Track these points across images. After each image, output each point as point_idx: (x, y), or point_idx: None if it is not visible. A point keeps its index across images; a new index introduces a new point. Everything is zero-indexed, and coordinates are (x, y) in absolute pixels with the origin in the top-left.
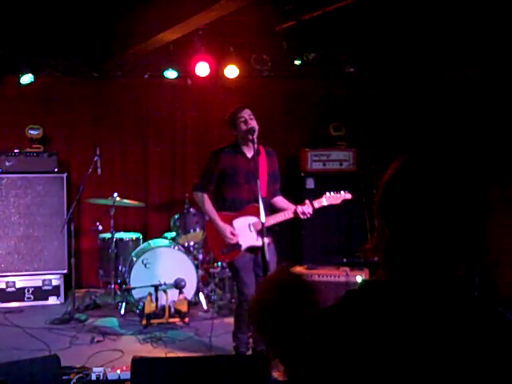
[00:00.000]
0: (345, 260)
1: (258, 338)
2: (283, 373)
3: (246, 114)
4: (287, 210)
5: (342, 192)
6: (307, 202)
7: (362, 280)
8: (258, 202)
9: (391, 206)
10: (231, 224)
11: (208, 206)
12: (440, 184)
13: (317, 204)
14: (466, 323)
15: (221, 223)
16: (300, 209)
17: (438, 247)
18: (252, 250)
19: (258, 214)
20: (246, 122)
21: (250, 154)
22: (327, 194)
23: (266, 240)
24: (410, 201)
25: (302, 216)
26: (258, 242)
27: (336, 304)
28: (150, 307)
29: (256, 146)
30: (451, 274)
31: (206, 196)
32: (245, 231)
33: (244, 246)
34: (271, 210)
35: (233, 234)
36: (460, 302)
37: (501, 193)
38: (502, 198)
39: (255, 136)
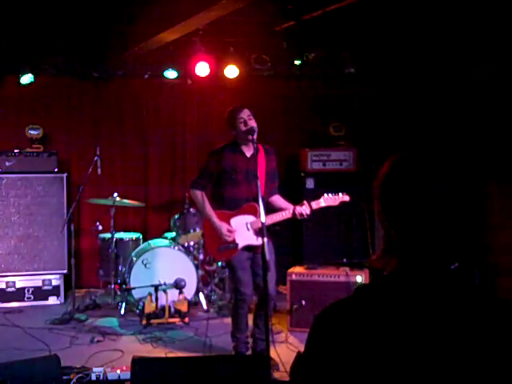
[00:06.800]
0: (345, 260)
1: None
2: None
3: (245, 114)
4: (285, 209)
5: (340, 194)
6: (305, 202)
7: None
8: (256, 201)
9: (390, 200)
10: (228, 223)
11: (205, 204)
12: (433, 177)
13: (315, 205)
14: (476, 316)
15: (217, 221)
16: (298, 209)
17: (437, 237)
18: (249, 248)
19: (255, 213)
20: (245, 123)
21: (249, 153)
22: (325, 195)
23: (265, 239)
24: (409, 194)
25: (299, 217)
26: (255, 241)
27: (346, 298)
28: (150, 307)
29: (255, 145)
30: (450, 265)
31: (203, 194)
32: (242, 230)
33: (241, 244)
34: (268, 208)
35: (230, 231)
36: (467, 295)
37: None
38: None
39: (255, 136)
